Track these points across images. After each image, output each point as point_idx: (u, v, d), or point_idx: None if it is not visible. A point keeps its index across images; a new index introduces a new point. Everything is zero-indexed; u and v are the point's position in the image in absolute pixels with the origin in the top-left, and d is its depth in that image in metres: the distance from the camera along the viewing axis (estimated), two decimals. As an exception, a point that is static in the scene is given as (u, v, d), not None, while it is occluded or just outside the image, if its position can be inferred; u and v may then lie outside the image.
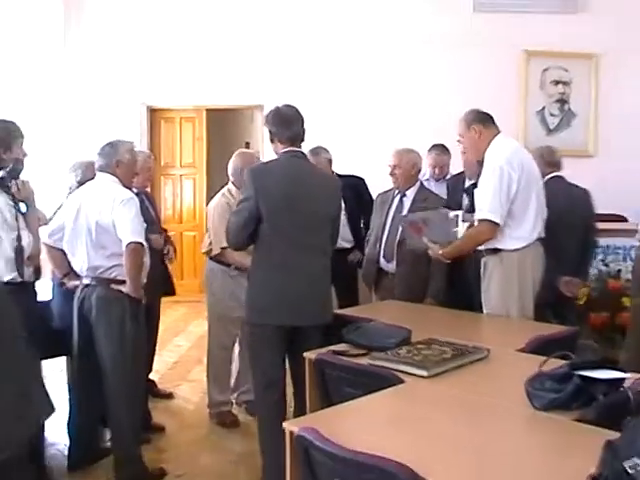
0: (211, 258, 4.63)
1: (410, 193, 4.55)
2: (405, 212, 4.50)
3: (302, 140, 3.62)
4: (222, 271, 4.58)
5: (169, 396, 5.17)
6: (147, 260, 3.80)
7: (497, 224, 3.63)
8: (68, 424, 3.99)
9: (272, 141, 3.62)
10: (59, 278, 4.02)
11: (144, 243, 3.70)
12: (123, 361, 3.71)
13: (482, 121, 3.79)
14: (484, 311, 3.87)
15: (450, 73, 7.58)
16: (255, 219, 3.50)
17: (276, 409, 3.54)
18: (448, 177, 5.48)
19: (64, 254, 3.86)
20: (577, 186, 4.55)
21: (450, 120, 4.83)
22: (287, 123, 3.56)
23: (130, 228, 3.63)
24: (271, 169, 3.66)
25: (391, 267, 4.51)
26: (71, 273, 3.90)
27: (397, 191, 4.62)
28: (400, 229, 4.38)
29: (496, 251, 3.78)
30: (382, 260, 4.55)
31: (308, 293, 3.54)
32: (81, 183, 4.15)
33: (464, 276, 4.39)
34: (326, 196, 3.64)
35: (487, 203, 3.67)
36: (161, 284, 4.71)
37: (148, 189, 4.99)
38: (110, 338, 3.69)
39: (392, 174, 4.58)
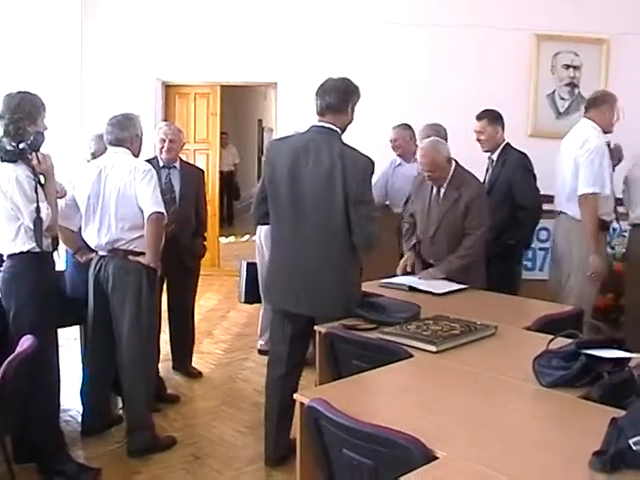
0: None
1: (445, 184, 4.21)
2: (439, 203, 4.22)
3: (336, 111, 3.35)
4: None
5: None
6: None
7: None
8: (81, 391, 4.05)
9: None
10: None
11: (165, 213, 3.77)
12: (139, 330, 3.76)
13: None
14: None
15: (462, 56, 7.53)
16: (265, 197, 3.49)
17: (276, 385, 3.61)
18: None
19: (73, 232, 3.94)
20: None
21: (462, 103, 4.86)
22: (317, 95, 3.40)
23: (152, 198, 3.69)
24: (283, 144, 3.56)
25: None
26: (82, 248, 3.96)
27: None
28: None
29: None
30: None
31: (304, 280, 3.37)
32: (95, 155, 4.20)
33: None
34: (339, 175, 3.24)
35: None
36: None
37: (176, 164, 4.89)
38: (127, 308, 3.74)
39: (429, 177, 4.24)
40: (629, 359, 2.32)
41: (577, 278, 4.57)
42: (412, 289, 3.85)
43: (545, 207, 4.82)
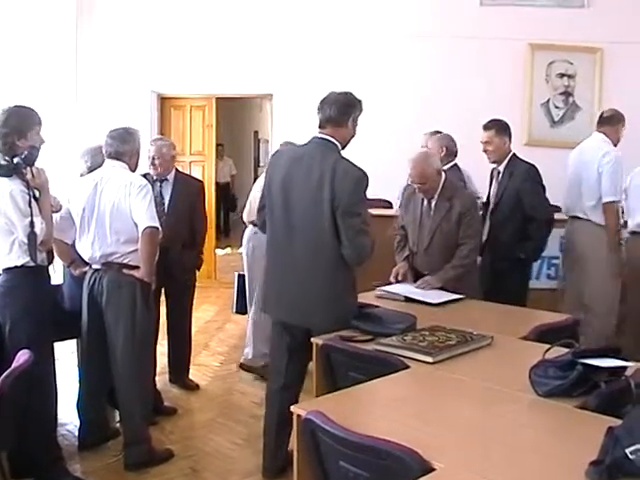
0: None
1: (436, 195, 4.20)
2: (431, 214, 4.19)
3: (336, 124, 3.33)
4: None
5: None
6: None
7: None
8: (78, 405, 4.04)
9: None
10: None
11: (159, 228, 3.76)
12: (133, 344, 3.75)
13: None
14: None
15: (457, 66, 7.56)
16: (265, 205, 3.52)
17: (275, 397, 3.59)
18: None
19: (67, 244, 3.93)
20: None
21: (457, 113, 4.86)
22: (319, 108, 3.39)
23: (147, 213, 3.69)
24: (282, 154, 3.61)
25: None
26: (76, 261, 3.95)
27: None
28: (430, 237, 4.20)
29: None
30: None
31: (295, 290, 3.36)
32: (91, 169, 4.19)
33: None
34: (327, 187, 3.19)
35: None
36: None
37: (169, 177, 4.93)
38: (121, 321, 3.74)
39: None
40: (625, 368, 2.32)
41: (600, 278, 4.90)
42: (408, 299, 3.85)
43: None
